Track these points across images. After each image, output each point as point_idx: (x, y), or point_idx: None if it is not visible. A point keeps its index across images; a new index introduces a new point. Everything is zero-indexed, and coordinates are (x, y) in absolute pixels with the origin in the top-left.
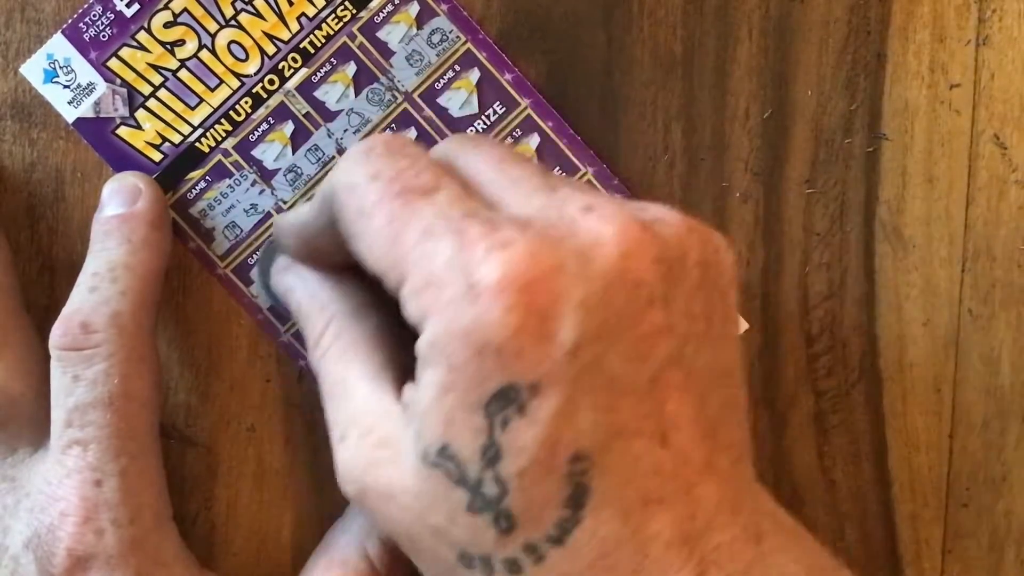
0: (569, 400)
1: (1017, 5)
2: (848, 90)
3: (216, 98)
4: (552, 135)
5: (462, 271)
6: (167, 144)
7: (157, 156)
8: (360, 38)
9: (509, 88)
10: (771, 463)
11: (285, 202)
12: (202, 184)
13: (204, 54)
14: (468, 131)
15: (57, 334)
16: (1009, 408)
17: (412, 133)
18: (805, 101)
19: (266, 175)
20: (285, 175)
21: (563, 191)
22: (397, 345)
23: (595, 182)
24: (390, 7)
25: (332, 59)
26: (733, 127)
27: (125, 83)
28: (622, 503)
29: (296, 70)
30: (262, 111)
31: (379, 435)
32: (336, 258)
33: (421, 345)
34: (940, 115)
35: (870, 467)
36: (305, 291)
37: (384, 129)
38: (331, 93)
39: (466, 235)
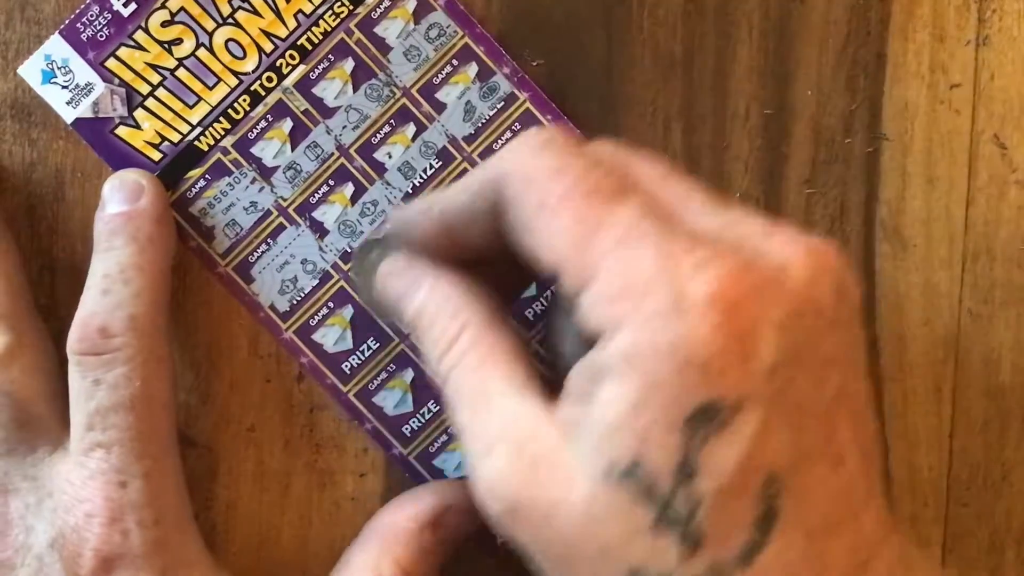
0: (767, 420)
1: (1017, 5)
2: (848, 90)
3: (214, 96)
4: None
5: (668, 284)
6: (166, 143)
7: (156, 155)
8: (357, 34)
9: (507, 82)
10: None
11: (284, 199)
12: (202, 183)
13: (202, 52)
14: (467, 126)
15: (75, 339)
16: (1009, 408)
17: (411, 129)
18: (805, 101)
19: (265, 173)
20: (284, 172)
21: (735, 210)
22: (532, 357)
23: None
24: (387, 3)
25: (330, 55)
26: (733, 127)
27: (123, 83)
28: (807, 527)
29: (294, 67)
30: (260, 109)
31: (536, 451)
32: (472, 247)
33: (607, 356)
34: (940, 115)
35: None
36: (432, 296)
37: (383, 124)
38: (329, 89)
39: (669, 246)
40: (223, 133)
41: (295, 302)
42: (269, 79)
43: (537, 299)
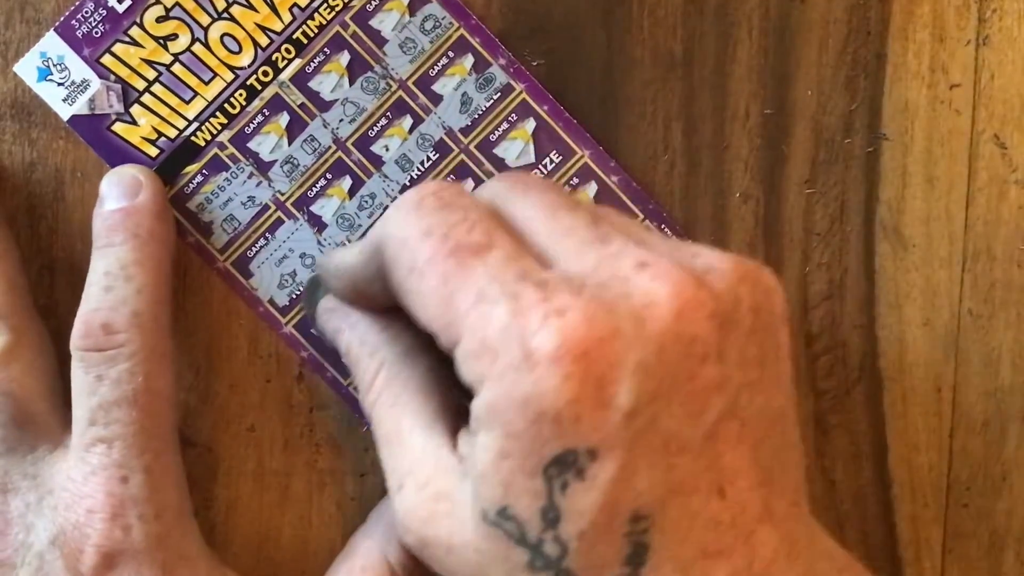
0: (627, 463)
1: (1017, 5)
2: (848, 90)
3: (210, 91)
4: (548, 119)
5: (518, 339)
6: (163, 139)
7: (153, 151)
8: (353, 27)
9: (503, 73)
10: None
11: (283, 194)
12: (199, 178)
13: (197, 47)
14: (463, 117)
15: (78, 335)
16: (1009, 408)
17: (407, 121)
18: (805, 101)
19: (263, 167)
20: (282, 166)
21: (616, 243)
22: (448, 388)
23: (592, 164)
24: None
25: (325, 49)
26: (733, 127)
27: (119, 79)
28: (681, 559)
29: (290, 61)
30: (257, 103)
31: (436, 488)
32: (383, 302)
33: (476, 408)
34: (940, 115)
35: (870, 467)
36: (353, 335)
37: (380, 117)
38: (325, 83)
39: (521, 300)
40: (220, 128)
41: (294, 296)
42: (265, 73)
43: None
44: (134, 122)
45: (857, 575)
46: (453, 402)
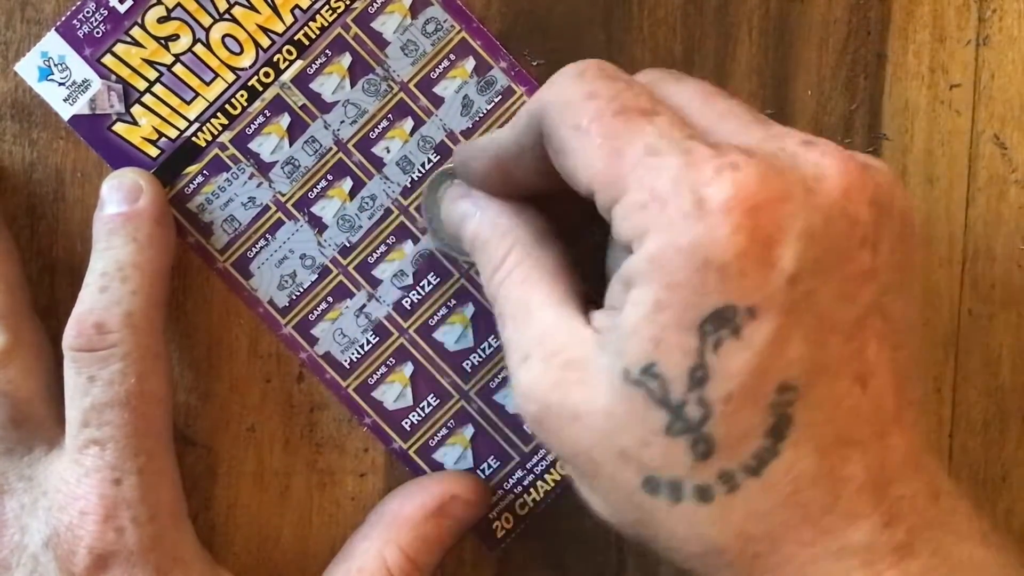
0: (783, 328)
1: (1017, 5)
2: (848, 90)
3: (211, 92)
4: None
5: (689, 188)
6: (163, 139)
7: (154, 151)
8: (355, 29)
9: (504, 76)
10: None
11: (283, 195)
12: (199, 179)
13: (198, 48)
14: (464, 120)
15: (71, 335)
16: (1009, 408)
17: (409, 123)
18: (805, 101)
19: (263, 168)
20: (282, 167)
21: (776, 127)
22: (577, 275)
23: None
24: None
25: (327, 50)
26: None
27: (120, 79)
28: (821, 440)
29: (291, 62)
30: (258, 104)
31: (567, 356)
32: (525, 182)
33: (635, 262)
34: (940, 115)
35: None
36: (485, 217)
37: (381, 119)
38: (327, 85)
39: (693, 154)
40: (221, 129)
41: (294, 297)
42: (266, 74)
43: None
44: (135, 122)
45: (969, 509)
46: (583, 289)
